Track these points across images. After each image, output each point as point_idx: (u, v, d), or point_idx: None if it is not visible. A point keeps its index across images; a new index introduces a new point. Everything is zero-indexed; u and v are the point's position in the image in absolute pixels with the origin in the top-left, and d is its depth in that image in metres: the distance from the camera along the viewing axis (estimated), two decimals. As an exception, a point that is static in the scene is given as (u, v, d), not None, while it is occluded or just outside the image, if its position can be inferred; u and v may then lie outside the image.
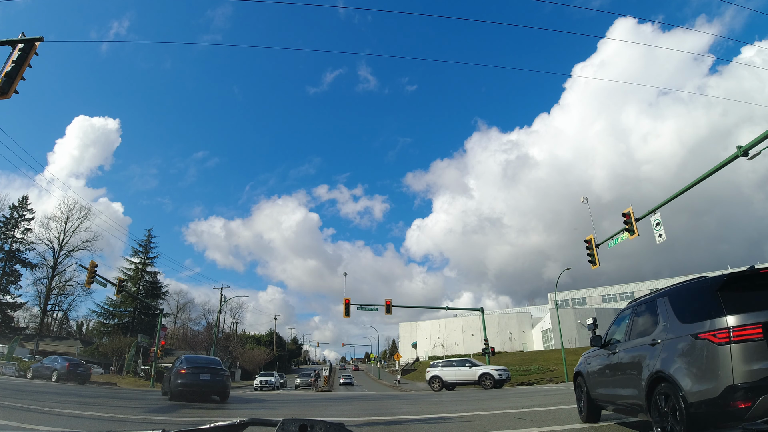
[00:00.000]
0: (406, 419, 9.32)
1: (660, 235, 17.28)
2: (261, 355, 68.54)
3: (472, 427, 7.61)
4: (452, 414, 9.85)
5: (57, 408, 10.23)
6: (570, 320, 60.92)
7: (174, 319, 74.49)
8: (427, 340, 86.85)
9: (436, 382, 28.24)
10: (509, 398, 15.06)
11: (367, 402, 16.10)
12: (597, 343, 6.98)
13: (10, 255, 50.21)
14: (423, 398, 18.32)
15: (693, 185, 16.34)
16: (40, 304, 54.10)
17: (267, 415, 5.03)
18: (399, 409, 11.96)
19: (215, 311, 59.07)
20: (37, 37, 9.53)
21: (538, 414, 9.05)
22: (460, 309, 77.68)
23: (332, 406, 14.09)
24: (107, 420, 9.19)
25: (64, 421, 8.34)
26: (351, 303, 33.91)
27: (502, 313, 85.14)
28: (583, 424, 7.09)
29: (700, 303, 4.73)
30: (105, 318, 57.81)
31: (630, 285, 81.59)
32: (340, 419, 9.17)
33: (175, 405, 13.09)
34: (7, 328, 48.41)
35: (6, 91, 9.03)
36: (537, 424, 7.53)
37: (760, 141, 12.96)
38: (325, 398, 20.62)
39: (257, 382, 39.23)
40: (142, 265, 60.50)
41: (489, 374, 26.90)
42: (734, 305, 4.26)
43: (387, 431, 7.74)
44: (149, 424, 8.72)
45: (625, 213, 18.82)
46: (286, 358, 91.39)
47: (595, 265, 21.69)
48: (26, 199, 53.95)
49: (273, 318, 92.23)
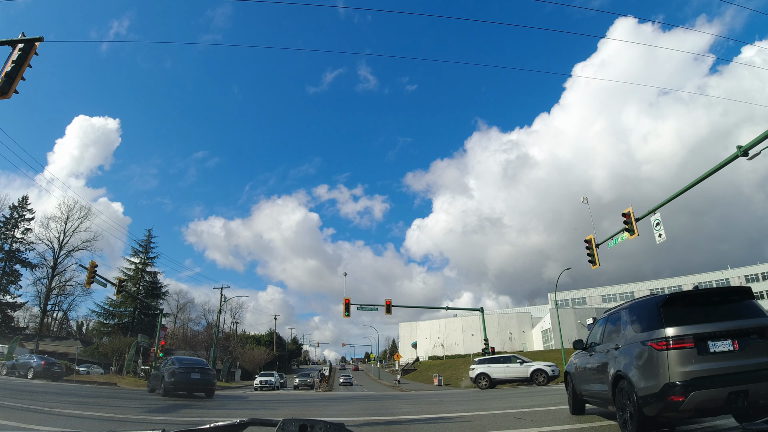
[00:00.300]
0: (406, 419, 9.31)
1: (660, 235, 17.28)
2: (261, 355, 68.53)
3: (472, 427, 7.61)
4: (452, 414, 9.85)
5: (57, 408, 10.23)
6: (570, 320, 60.94)
7: (174, 319, 74.50)
8: (427, 340, 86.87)
9: (483, 380, 26.55)
10: (509, 398, 15.05)
11: (367, 402, 16.09)
12: (579, 346, 8.03)
13: (10, 255, 50.21)
14: (423, 398, 18.32)
15: (693, 185, 16.33)
16: (40, 304, 54.09)
17: (267, 415, 5.03)
18: (399, 409, 11.96)
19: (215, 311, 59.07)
20: (37, 37, 9.53)
21: (538, 414, 9.05)
22: (460, 309, 77.76)
23: (332, 406, 14.09)
24: (107, 420, 9.20)
25: (64, 421, 8.35)
26: (351, 303, 33.91)
27: (502, 313, 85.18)
28: (583, 424, 7.15)
29: (648, 316, 5.73)
30: (105, 318, 57.84)
31: (630, 285, 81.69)
32: (340, 419, 9.17)
33: (175, 405, 13.09)
34: (7, 328, 48.41)
35: (6, 91, 9.03)
36: (537, 424, 7.53)
37: (760, 141, 12.96)
38: (325, 398, 20.62)
39: (257, 382, 39.19)
40: (142, 265, 60.53)
41: (542, 370, 25.65)
42: (673, 319, 5.31)
43: (387, 431, 7.74)
44: (149, 424, 8.72)
45: (625, 213, 18.82)
46: (286, 358, 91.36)
47: (595, 265, 21.69)
48: (26, 199, 54.01)
49: (273, 318, 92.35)
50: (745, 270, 73.05)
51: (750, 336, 5.14)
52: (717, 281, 74.10)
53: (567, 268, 37.05)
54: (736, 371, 4.98)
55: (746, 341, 5.11)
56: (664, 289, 77.44)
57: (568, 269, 37.17)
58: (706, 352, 5.04)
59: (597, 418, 7.56)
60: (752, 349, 5.07)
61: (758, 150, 13.09)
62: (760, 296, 69.65)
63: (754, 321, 5.24)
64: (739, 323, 5.22)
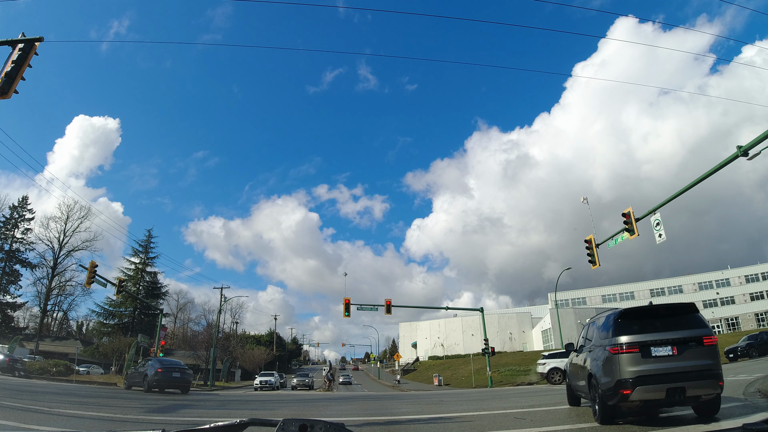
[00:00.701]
0: (406, 419, 9.32)
1: (660, 235, 17.28)
2: (261, 355, 68.49)
3: (472, 427, 7.61)
4: (452, 414, 9.85)
5: (57, 408, 10.23)
6: (570, 320, 60.91)
7: (174, 319, 74.56)
8: (427, 340, 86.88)
9: (557, 374, 25.27)
10: (509, 398, 15.05)
11: (367, 402, 16.10)
12: (570, 348, 9.46)
13: (10, 255, 50.21)
14: (423, 398, 18.33)
15: (693, 185, 16.32)
16: (40, 304, 54.11)
17: (267, 415, 5.03)
18: (399, 409, 11.96)
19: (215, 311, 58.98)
20: (37, 37, 9.52)
21: (538, 414, 9.05)
22: (460, 309, 77.80)
23: (332, 406, 14.09)
24: (107, 420, 9.19)
25: (64, 421, 8.35)
26: (351, 303, 33.89)
27: (502, 313, 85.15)
28: (583, 424, 7.20)
29: (609, 326, 7.05)
30: (105, 318, 57.86)
31: (630, 285, 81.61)
32: (340, 419, 9.18)
33: (174, 405, 13.10)
34: (7, 328, 48.40)
35: (6, 91, 9.02)
36: (537, 424, 7.54)
37: (759, 141, 12.94)
38: (325, 398, 20.63)
39: (257, 382, 39.16)
40: (142, 265, 60.55)
41: None
42: (625, 329, 6.68)
43: (387, 431, 7.74)
44: (149, 424, 8.72)
45: (625, 213, 18.81)
46: (286, 358, 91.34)
47: (595, 265, 21.69)
48: (26, 199, 54.01)
49: (273, 318, 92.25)
50: (745, 270, 72.96)
51: (689, 343, 6.38)
52: (717, 281, 74.07)
53: (567, 268, 37.14)
54: (674, 371, 6.22)
55: (684, 347, 6.35)
56: (664, 289, 77.46)
57: (568, 269, 37.27)
58: (649, 356, 6.36)
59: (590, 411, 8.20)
60: (689, 354, 6.32)
61: (758, 150, 13.07)
62: (760, 296, 69.78)
63: (692, 331, 6.49)
64: (678, 333, 6.47)
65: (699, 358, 6.32)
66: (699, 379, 6.17)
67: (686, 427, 6.31)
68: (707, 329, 6.58)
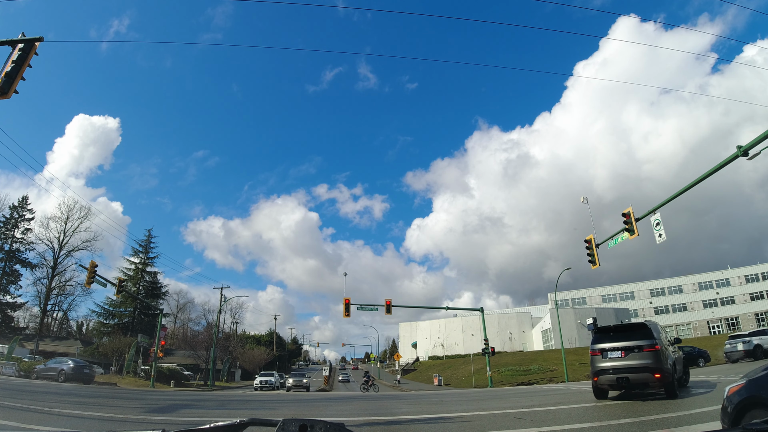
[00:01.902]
0: (406, 419, 9.31)
1: (660, 235, 17.25)
2: (261, 355, 68.50)
3: (472, 427, 7.61)
4: (452, 414, 9.85)
5: (57, 408, 10.23)
6: (570, 320, 60.91)
7: (174, 319, 74.52)
8: (427, 340, 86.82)
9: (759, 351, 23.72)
10: (509, 398, 15.05)
11: (367, 402, 16.08)
12: None
13: (10, 255, 50.17)
14: (423, 398, 18.31)
15: (694, 185, 16.30)
16: (40, 304, 54.05)
17: (267, 415, 5.03)
18: (399, 409, 11.96)
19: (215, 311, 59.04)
20: (37, 37, 9.51)
21: (538, 414, 9.04)
22: (460, 309, 77.69)
23: (332, 406, 14.09)
24: (107, 420, 9.19)
25: (64, 421, 8.34)
26: (351, 303, 33.86)
27: (502, 313, 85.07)
28: (582, 424, 7.19)
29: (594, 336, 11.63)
30: (105, 318, 57.79)
31: (630, 285, 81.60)
32: (340, 419, 9.17)
33: (174, 405, 13.10)
34: (7, 328, 48.37)
35: (6, 91, 9.02)
36: (537, 424, 7.53)
37: (760, 141, 12.93)
38: (325, 398, 20.62)
39: (257, 382, 39.07)
40: (142, 265, 60.50)
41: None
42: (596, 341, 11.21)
43: (387, 431, 7.73)
44: (149, 424, 8.72)
45: (625, 213, 18.78)
46: (286, 358, 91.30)
47: (595, 265, 21.66)
48: (26, 199, 53.96)
49: (273, 318, 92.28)
50: (745, 270, 72.92)
51: (633, 349, 10.23)
52: (717, 281, 74.06)
53: (567, 268, 36.96)
54: (621, 367, 10.14)
55: (629, 351, 10.26)
56: (664, 289, 77.53)
57: (569, 269, 37.06)
58: (606, 357, 10.61)
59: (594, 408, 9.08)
60: (633, 356, 10.16)
61: (758, 150, 13.05)
62: (760, 296, 69.75)
63: (636, 342, 10.31)
64: (626, 343, 10.43)
65: (639, 359, 9.98)
66: (637, 372, 9.86)
67: (688, 426, 6.33)
68: (649, 341, 10.10)
